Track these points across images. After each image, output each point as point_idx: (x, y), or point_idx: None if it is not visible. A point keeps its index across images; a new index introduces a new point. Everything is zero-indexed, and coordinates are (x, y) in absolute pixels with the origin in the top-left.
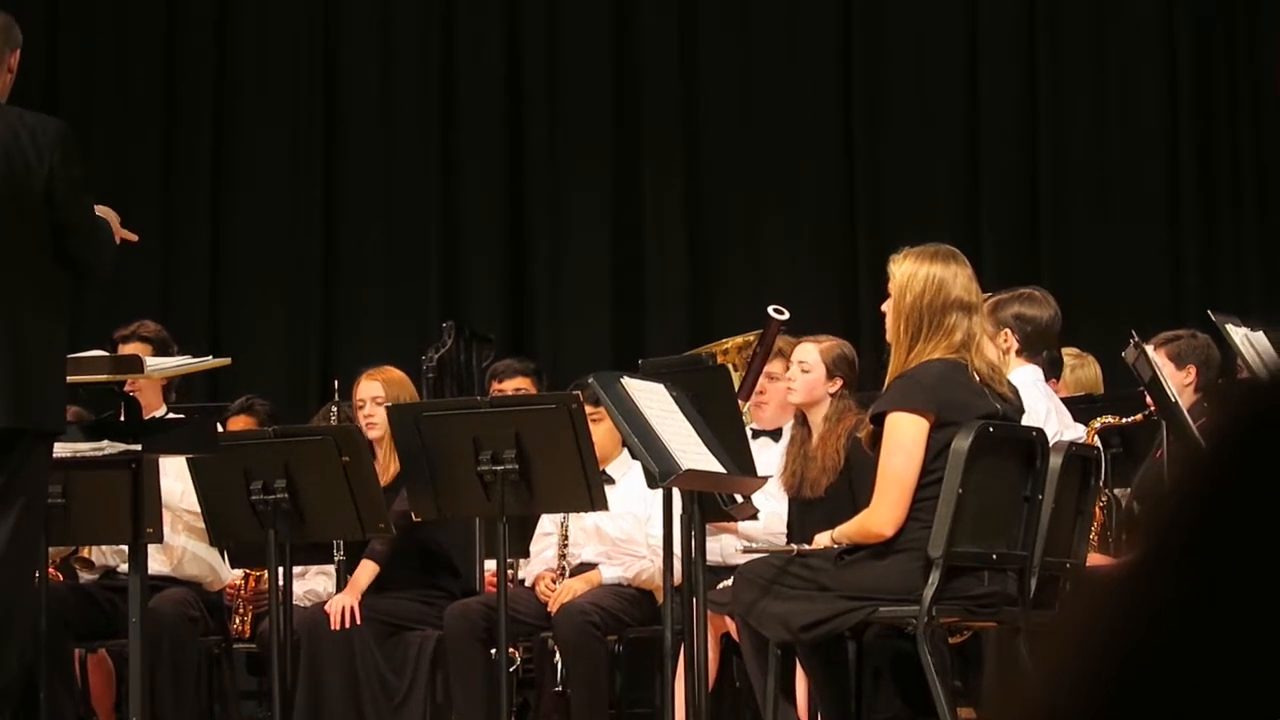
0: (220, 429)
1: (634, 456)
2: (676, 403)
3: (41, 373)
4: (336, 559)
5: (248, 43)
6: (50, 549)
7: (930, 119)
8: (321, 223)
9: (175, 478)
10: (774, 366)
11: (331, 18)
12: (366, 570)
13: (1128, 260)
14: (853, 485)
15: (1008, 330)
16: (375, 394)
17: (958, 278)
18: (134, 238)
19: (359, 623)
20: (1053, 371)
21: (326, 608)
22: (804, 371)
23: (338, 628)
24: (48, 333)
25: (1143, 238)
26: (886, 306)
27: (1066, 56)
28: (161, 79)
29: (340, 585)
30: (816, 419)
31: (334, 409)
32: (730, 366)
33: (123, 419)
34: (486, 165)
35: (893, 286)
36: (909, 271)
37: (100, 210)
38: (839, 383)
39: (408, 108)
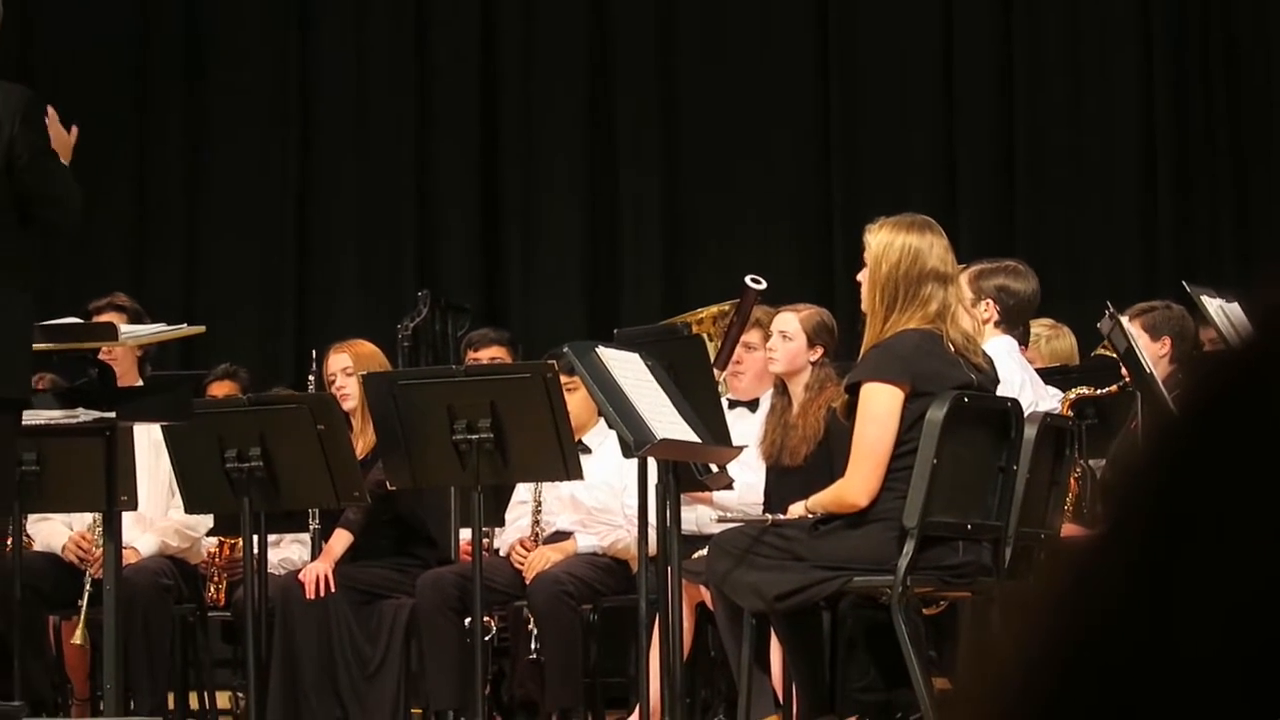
0: (200, 395)
1: (609, 426)
2: (652, 372)
3: (2, 341)
4: (311, 527)
5: (224, 9)
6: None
7: (906, 88)
8: (296, 192)
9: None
10: (750, 336)
11: None
12: (340, 539)
13: (1103, 231)
14: (831, 455)
15: (989, 301)
16: (345, 365)
17: (934, 248)
18: (71, 135)
19: (333, 590)
20: (1021, 341)
21: (301, 576)
22: (785, 340)
23: (312, 596)
24: (10, 301)
25: (1118, 209)
26: (862, 276)
27: (1043, 25)
28: (136, 42)
29: (315, 554)
30: (797, 388)
31: (311, 379)
32: (706, 336)
33: (97, 387)
34: (461, 135)
35: (868, 256)
36: (885, 241)
37: (63, 135)
38: (820, 351)
39: (381, 78)
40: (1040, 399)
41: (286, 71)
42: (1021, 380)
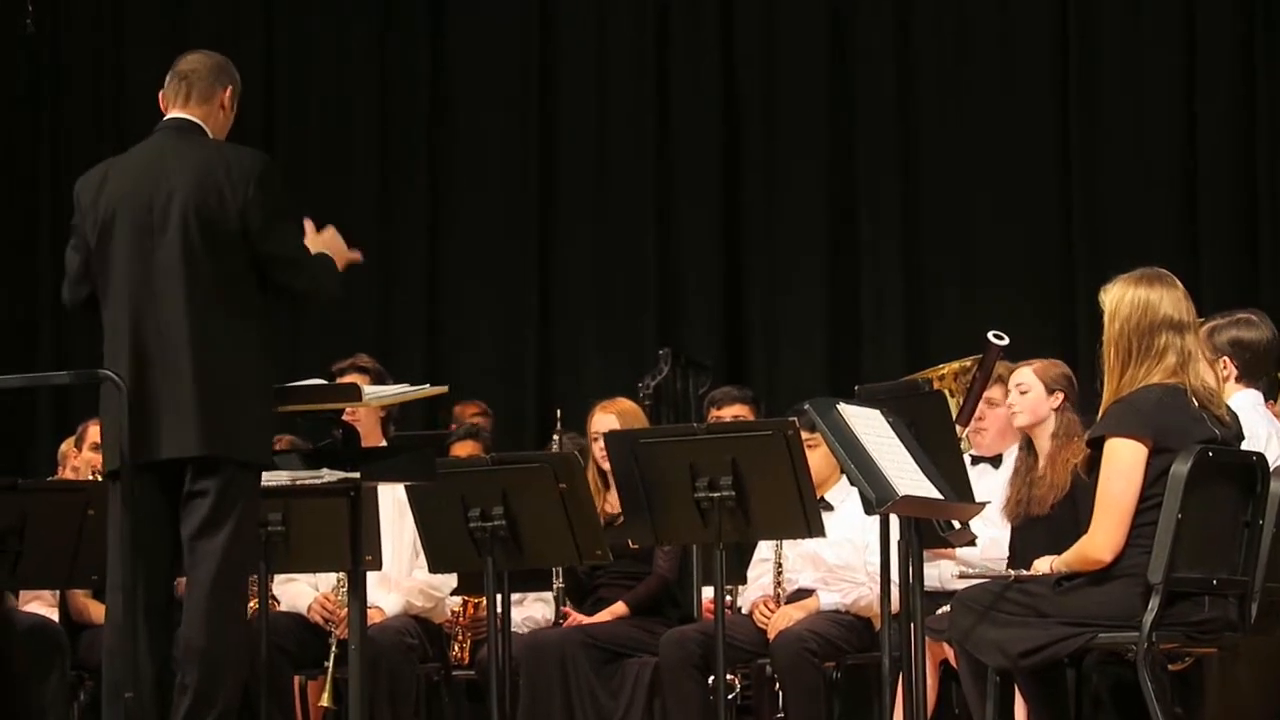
0: (443, 455)
1: (851, 482)
2: (893, 429)
3: (236, 403)
4: (555, 585)
5: (464, 79)
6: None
7: (1145, 142)
8: (537, 251)
9: None
10: (993, 392)
11: (547, 57)
12: (618, 611)
13: None
14: (1077, 509)
15: (1226, 357)
16: (612, 428)
17: (1165, 298)
18: (357, 257)
19: (577, 623)
20: (1268, 394)
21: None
22: (1022, 394)
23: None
24: (246, 364)
25: None
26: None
27: None
28: (378, 111)
29: (558, 611)
30: (1043, 439)
31: (555, 438)
32: (947, 392)
33: (341, 447)
34: (702, 193)
35: (1105, 315)
36: (1116, 297)
37: (321, 237)
38: (1060, 397)
39: (623, 138)
40: None
41: (526, 132)
42: (1267, 434)
